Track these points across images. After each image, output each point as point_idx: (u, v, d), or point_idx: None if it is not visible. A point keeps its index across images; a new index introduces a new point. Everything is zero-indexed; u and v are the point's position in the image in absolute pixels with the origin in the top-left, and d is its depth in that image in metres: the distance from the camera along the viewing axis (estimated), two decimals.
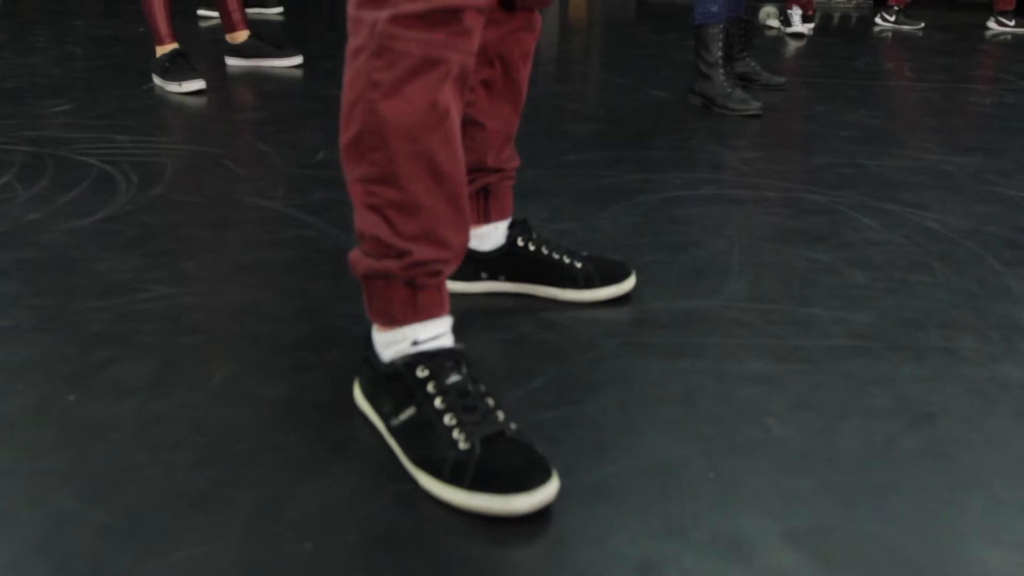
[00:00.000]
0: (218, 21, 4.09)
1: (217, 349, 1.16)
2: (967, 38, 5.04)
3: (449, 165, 0.87)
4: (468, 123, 1.14)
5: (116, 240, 1.52)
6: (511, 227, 1.29)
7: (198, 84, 2.69)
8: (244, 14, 3.10)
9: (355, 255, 0.93)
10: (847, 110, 2.82)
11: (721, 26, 2.64)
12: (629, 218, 1.70)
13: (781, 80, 3.09)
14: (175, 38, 2.77)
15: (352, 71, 0.85)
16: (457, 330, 1.03)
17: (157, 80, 2.76)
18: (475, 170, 1.19)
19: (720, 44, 2.66)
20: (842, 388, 1.13)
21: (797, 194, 1.90)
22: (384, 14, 0.82)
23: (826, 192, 1.92)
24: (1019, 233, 1.73)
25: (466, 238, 0.93)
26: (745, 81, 3.07)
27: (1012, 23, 5.53)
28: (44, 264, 1.42)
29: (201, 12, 4.49)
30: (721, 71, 2.68)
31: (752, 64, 3.08)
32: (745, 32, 3.00)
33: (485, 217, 1.25)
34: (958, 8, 6.77)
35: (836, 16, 6.26)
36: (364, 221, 0.89)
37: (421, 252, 0.89)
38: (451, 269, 0.93)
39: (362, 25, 0.84)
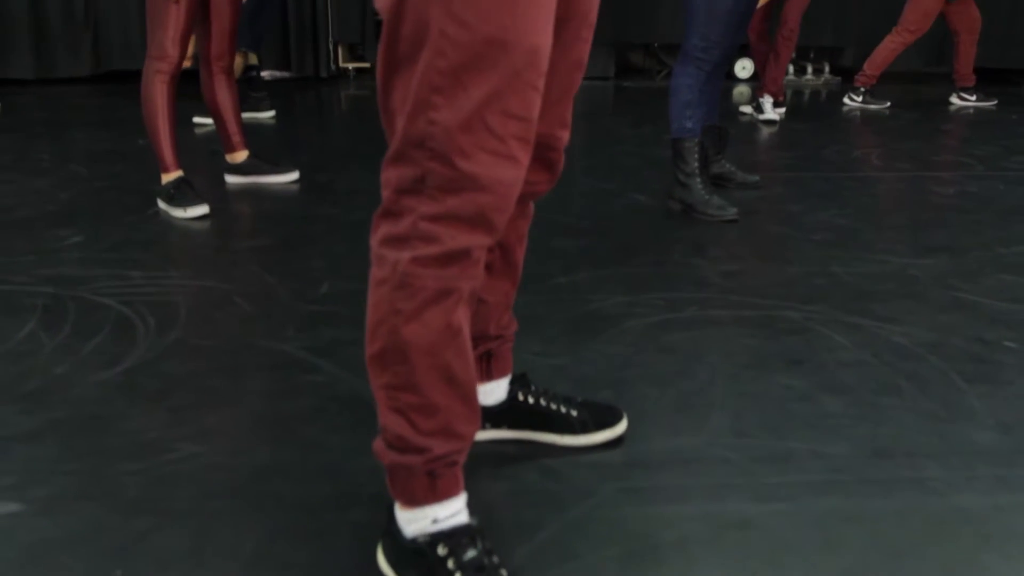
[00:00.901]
0: (212, 127, 4.26)
1: (247, 513, 1.27)
2: (931, 116, 5.27)
3: (462, 372, 1.00)
4: None
5: (141, 394, 1.63)
6: (512, 383, 1.41)
7: (202, 210, 2.83)
8: (243, 135, 3.26)
9: (379, 446, 1.05)
10: (819, 208, 2.98)
11: (696, 140, 2.82)
12: (618, 347, 1.82)
13: (755, 178, 3.26)
14: (179, 165, 2.91)
15: (376, 296, 0.98)
16: (467, 478, 1.12)
17: (162, 205, 2.90)
18: (478, 338, 1.31)
19: (696, 155, 2.83)
20: (819, 527, 1.24)
21: (774, 311, 2.03)
22: (405, 255, 0.95)
23: (800, 307, 2.06)
24: (980, 344, 1.86)
25: (477, 426, 1.05)
26: (721, 181, 3.24)
27: (973, 98, 5.79)
28: (77, 424, 1.53)
29: (197, 120, 4.66)
30: (698, 179, 2.84)
31: (727, 166, 3.25)
32: (719, 137, 3.17)
33: (488, 376, 1.37)
34: (923, 81, 7.04)
35: (806, 93, 6.51)
36: (388, 420, 1.01)
37: (439, 447, 1.01)
38: (465, 456, 1.05)
39: (385, 261, 0.97)
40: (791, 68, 6.79)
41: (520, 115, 0.97)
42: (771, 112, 4.75)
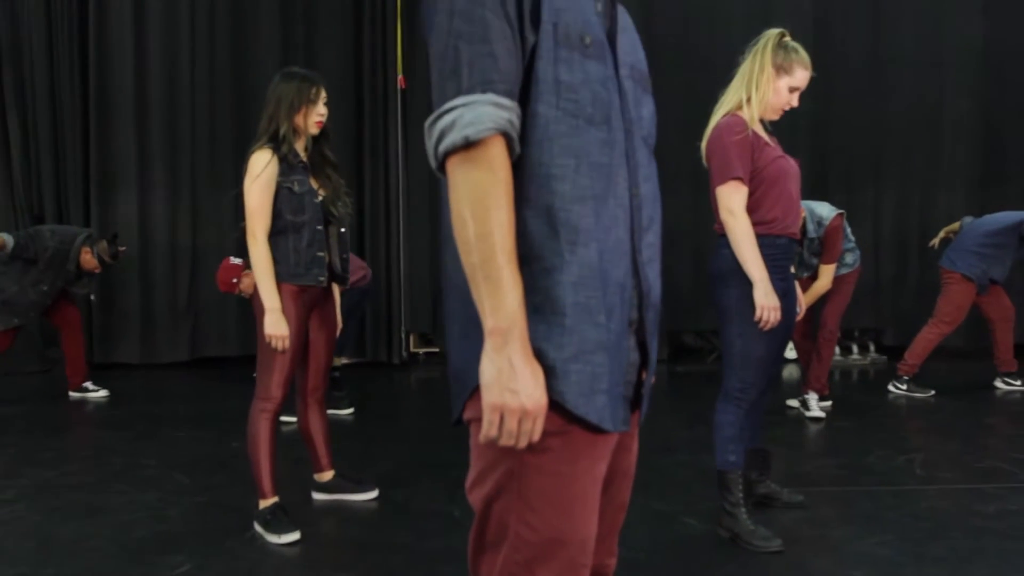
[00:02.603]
0: (296, 425, 4.70)
1: None
2: (976, 406, 5.47)
3: None
4: None
5: None
6: None
7: (294, 536, 3.15)
8: (331, 457, 3.65)
9: None
10: (862, 534, 3.17)
11: (740, 471, 3.09)
12: None
13: (799, 498, 3.49)
14: (276, 491, 3.28)
15: None
16: None
17: (259, 529, 3.24)
18: None
19: (741, 486, 3.09)
20: None
21: None
22: None
23: None
24: None
25: None
26: (767, 501, 3.48)
27: (1018, 382, 6.00)
28: None
29: (284, 419, 5.12)
30: (743, 509, 3.08)
31: (772, 486, 3.49)
32: (763, 460, 3.45)
33: None
34: (968, 356, 7.28)
35: (854, 374, 6.80)
36: None
37: None
38: None
39: None
40: (838, 349, 7.14)
41: None
42: (816, 409, 5.02)
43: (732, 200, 2.98)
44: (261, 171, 3.12)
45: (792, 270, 3.33)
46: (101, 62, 7.12)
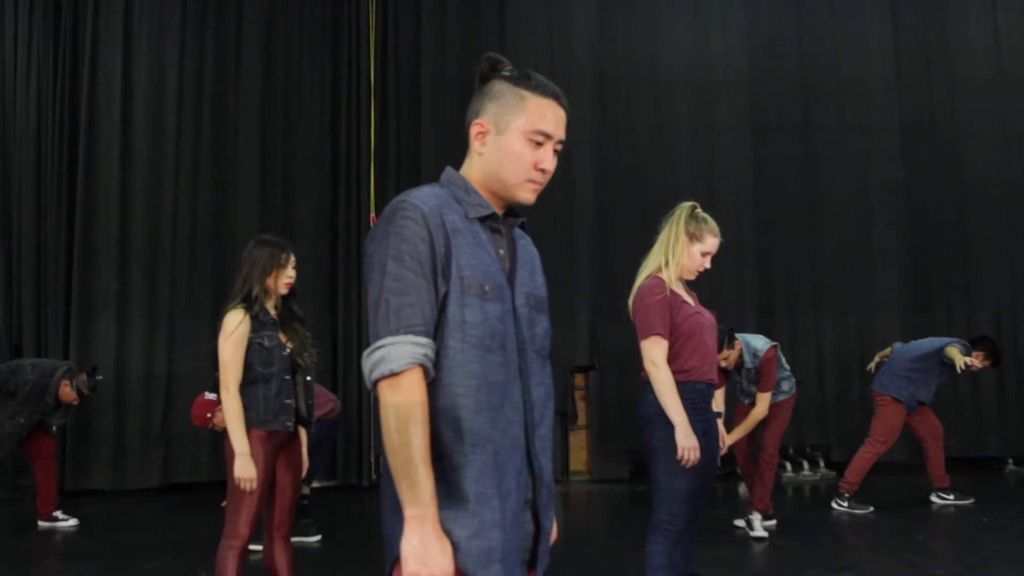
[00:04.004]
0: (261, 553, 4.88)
1: None
2: (911, 521, 5.77)
3: None
4: None
5: None
6: None
7: None
8: None
9: None
10: None
11: None
12: None
13: None
14: None
15: None
16: None
17: None
18: None
19: None
20: None
21: None
22: None
23: None
24: None
25: None
26: None
27: (951, 497, 6.32)
28: None
29: (252, 547, 5.31)
30: None
31: None
32: None
33: None
34: (909, 471, 7.61)
35: (806, 490, 7.11)
36: None
37: None
38: None
39: None
40: (789, 465, 7.46)
41: None
42: (760, 529, 5.31)
43: (654, 352, 3.37)
44: (234, 329, 3.47)
45: (715, 408, 3.70)
46: (87, 197, 7.53)
